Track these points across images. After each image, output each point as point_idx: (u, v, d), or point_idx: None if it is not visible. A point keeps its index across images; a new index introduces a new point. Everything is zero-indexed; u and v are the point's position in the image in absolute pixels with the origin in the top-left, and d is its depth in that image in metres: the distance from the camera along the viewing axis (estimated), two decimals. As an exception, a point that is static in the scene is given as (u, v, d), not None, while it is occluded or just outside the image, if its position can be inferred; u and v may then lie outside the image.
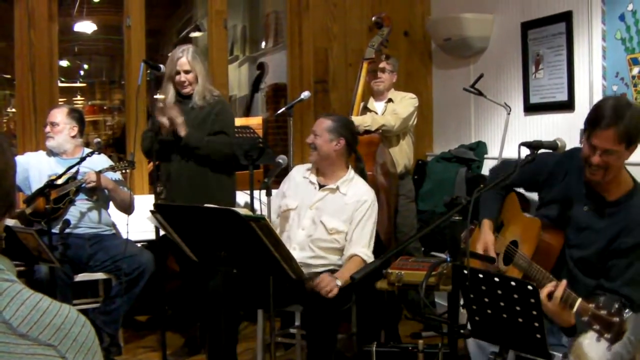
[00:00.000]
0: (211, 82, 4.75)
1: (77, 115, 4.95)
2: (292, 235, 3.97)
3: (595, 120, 2.89)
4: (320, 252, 3.93)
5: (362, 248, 3.93)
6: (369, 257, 3.93)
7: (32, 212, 4.58)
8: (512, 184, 3.37)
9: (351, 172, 4.11)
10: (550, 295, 2.66)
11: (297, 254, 3.81)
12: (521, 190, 3.58)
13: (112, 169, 4.76)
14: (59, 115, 4.87)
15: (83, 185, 4.68)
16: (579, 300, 2.57)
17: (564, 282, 2.68)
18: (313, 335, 3.66)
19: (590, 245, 3.02)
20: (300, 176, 4.17)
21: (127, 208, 4.84)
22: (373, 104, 5.32)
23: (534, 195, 3.89)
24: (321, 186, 4.06)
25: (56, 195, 4.63)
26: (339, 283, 3.68)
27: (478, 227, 3.42)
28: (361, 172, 4.20)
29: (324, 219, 3.94)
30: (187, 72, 4.56)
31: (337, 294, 3.61)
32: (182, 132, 4.43)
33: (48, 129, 4.87)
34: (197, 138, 4.47)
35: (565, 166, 3.20)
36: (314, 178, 4.10)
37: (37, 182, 4.72)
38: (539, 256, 3.04)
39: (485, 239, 3.29)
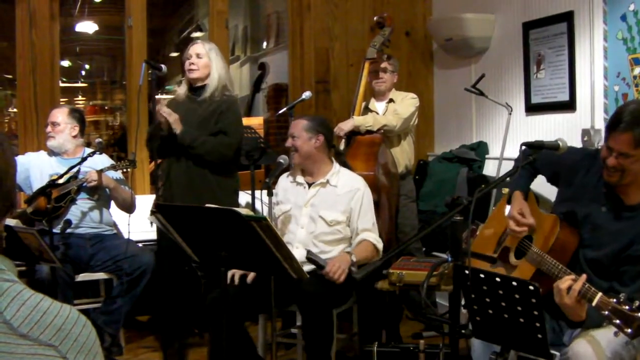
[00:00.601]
0: (231, 83, 4.73)
1: (77, 115, 4.95)
2: (293, 235, 3.99)
3: (613, 123, 2.89)
4: (324, 246, 3.94)
5: (371, 233, 4.00)
6: (377, 241, 3.99)
7: (33, 211, 4.58)
8: (537, 170, 3.38)
9: (336, 165, 4.14)
10: (569, 288, 2.65)
11: (301, 252, 3.83)
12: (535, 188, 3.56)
13: (113, 167, 4.76)
14: (60, 115, 4.87)
15: (84, 185, 4.68)
16: (599, 294, 2.58)
17: (584, 276, 2.67)
18: (310, 335, 3.66)
19: (603, 247, 3.00)
20: (287, 182, 4.20)
21: (128, 207, 4.85)
22: (374, 104, 5.32)
23: (544, 194, 3.89)
24: (310, 184, 4.08)
25: (57, 194, 4.62)
26: (354, 259, 3.79)
27: (500, 209, 3.40)
28: (344, 165, 4.24)
29: (322, 213, 3.97)
30: (198, 56, 4.56)
31: (343, 281, 3.66)
32: (178, 129, 4.43)
33: (49, 128, 4.87)
34: (192, 136, 4.44)
35: (587, 165, 3.17)
36: (301, 179, 4.13)
37: (38, 182, 4.73)
38: (554, 253, 3.03)
39: (520, 205, 3.22)
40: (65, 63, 11.93)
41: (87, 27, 11.08)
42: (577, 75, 4.96)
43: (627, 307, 2.44)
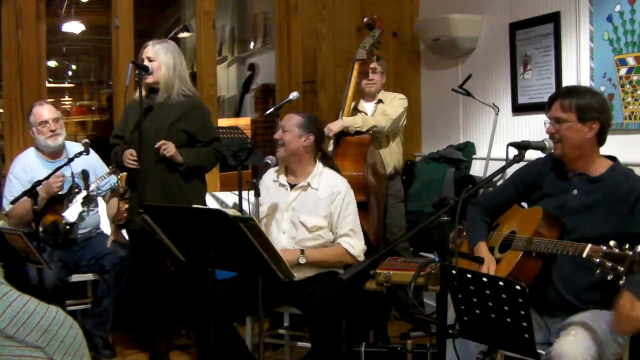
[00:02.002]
0: (185, 81, 4.50)
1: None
2: (275, 240, 3.92)
3: (550, 97, 3.22)
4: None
5: (346, 237, 3.94)
6: (351, 246, 3.93)
7: (44, 230, 4.49)
8: (498, 208, 3.46)
9: (319, 166, 4.06)
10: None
11: None
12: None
13: (113, 172, 4.72)
14: (52, 108, 4.76)
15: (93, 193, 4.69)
16: (589, 245, 2.69)
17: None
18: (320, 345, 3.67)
19: (588, 224, 3.06)
20: (270, 180, 4.12)
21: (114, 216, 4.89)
22: (363, 104, 5.32)
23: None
24: (292, 186, 4.02)
25: (64, 208, 4.59)
26: (302, 261, 3.80)
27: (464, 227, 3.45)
28: (332, 168, 4.18)
29: (303, 218, 3.91)
30: (150, 60, 4.38)
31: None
32: (180, 160, 4.34)
33: (52, 126, 4.70)
34: (196, 159, 4.41)
35: (550, 165, 3.29)
36: (283, 179, 4.06)
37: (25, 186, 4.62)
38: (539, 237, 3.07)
39: (488, 262, 3.21)
40: (52, 63, 11.85)
41: (73, 27, 11.02)
42: (564, 76, 4.98)
43: (617, 250, 2.59)
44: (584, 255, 2.69)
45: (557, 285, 3.07)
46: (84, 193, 4.67)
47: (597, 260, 2.62)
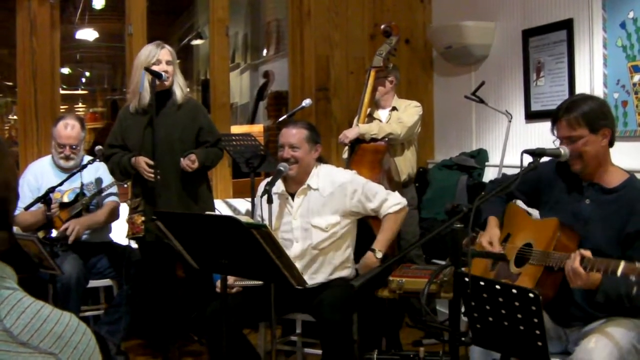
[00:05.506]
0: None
1: (83, 124, 4.88)
2: (288, 251, 3.89)
3: (552, 118, 3.15)
4: (323, 257, 3.91)
5: (386, 203, 3.96)
6: (396, 204, 3.98)
7: (47, 236, 4.49)
8: (512, 194, 3.41)
9: (315, 168, 4.03)
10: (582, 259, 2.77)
11: (299, 268, 3.80)
12: (520, 204, 3.57)
13: (114, 183, 4.74)
14: (76, 133, 4.73)
15: (93, 205, 4.68)
16: (623, 262, 2.63)
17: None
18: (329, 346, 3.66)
19: (598, 234, 3.02)
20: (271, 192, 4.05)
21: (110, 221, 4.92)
22: (377, 112, 5.32)
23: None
24: (292, 194, 3.99)
25: (68, 216, 4.60)
26: (379, 255, 3.85)
27: (481, 232, 3.42)
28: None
29: (314, 221, 3.90)
30: (168, 63, 4.39)
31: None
32: (196, 165, 4.36)
33: (67, 151, 4.72)
34: (206, 158, 4.45)
35: (561, 172, 3.25)
36: (282, 189, 4.01)
37: (36, 193, 4.62)
38: (558, 250, 3.04)
39: (490, 233, 3.30)
40: (66, 70, 11.93)
41: (87, 34, 11.10)
42: (577, 83, 4.96)
43: None
44: (618, 273, 2.63)
45: (574, 295, 3.04)
46: (88, 200, 4.68)
47: (634, 278, 2.58)
